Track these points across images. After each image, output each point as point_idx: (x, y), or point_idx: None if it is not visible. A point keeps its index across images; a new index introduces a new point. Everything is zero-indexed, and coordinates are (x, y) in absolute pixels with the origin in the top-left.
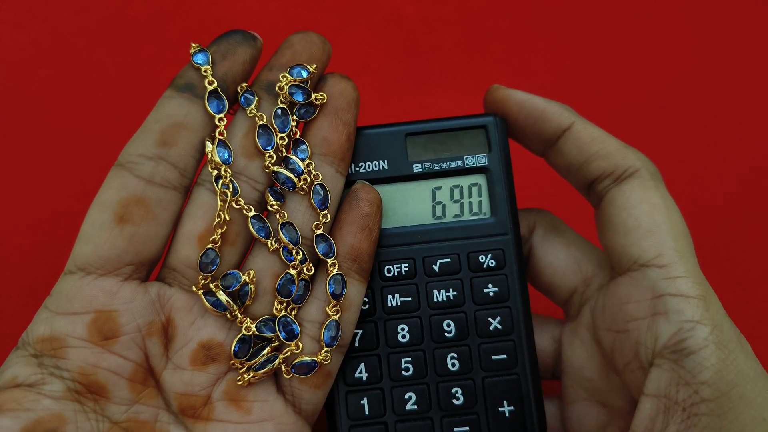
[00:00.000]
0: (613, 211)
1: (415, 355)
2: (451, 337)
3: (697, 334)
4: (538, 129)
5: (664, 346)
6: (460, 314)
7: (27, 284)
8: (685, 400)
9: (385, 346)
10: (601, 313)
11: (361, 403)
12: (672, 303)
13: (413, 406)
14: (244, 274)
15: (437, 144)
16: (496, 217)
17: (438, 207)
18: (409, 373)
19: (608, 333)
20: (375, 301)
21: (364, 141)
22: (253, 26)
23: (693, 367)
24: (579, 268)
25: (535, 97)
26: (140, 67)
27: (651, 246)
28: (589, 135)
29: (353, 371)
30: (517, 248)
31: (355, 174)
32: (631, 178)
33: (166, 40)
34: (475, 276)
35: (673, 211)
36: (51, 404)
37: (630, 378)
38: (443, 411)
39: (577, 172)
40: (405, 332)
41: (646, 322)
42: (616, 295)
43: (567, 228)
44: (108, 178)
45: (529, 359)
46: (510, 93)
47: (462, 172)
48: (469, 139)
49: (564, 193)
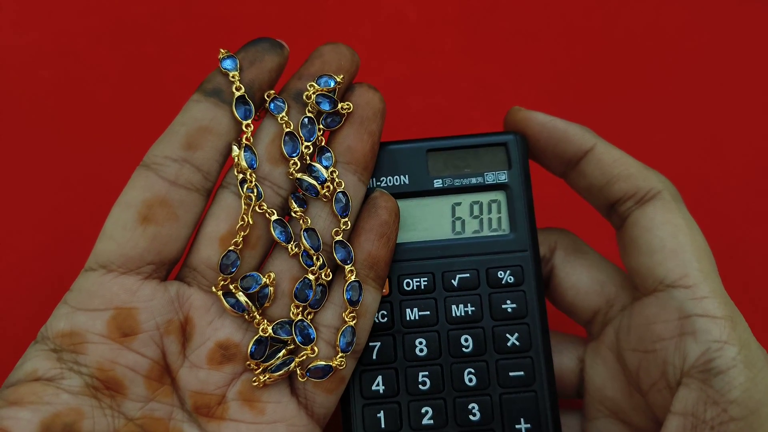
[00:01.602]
0: (637, 233)
1: (433, 370)
2: (469, 352)
3: (725, 354)
4: (560, 150)
5: (692, 365)
6: (478, 330)
7: (27, 284)
8: (714, 418)
9: (403, 360)
10: (626, 333)
11: (378, 416)
12: (699, 323)
13: (429, 420)
14: (264, 276)
15: (458, 160)
16: (515, 233)
17: (458, 222)
18: (426, 387)
19: (634, 353)
20: (393, 314)
21: (386, 156)
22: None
23: (722, 386)
24: (602, 289)
25: (556, 118)
26: (142, 68)
27: (676, 266)
28: (611, 157)
29: (370, 384)
30: (536, 265)
31: (376, 188)
32: (653, 200)
33: (167, 41)
34: (493, 292)
35: (695, 232)
36: (69, 399)
37: (655, 398)
38: (459, 427)
39: (598, 193)
40: (423, 346)
41: (674, 342)
42: (642, 315)
43: (588, 248)
44: (133, 178)
45: (547, 376)
46: (531, 115)
47: (482, 189)
48: (489, 156)
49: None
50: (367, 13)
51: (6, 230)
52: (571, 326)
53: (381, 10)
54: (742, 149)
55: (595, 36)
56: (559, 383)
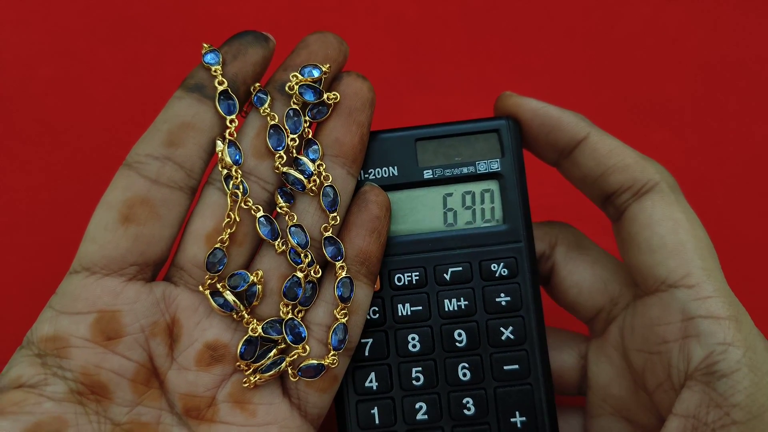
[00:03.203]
0: (635, 229)
1: (426, 365)
2: (463, 346)
3: (729, 356)
4: (552, 138)
5: (696, 368)
6: (472, 324)
7: (27, 284)
8: (715, 421)
9: (396, 356)
10: (630, 333)
11: (372, 413)
12: (703, 325)
13: (424, 416)
14: (251, 275)
15: (448, 149)
16: (509, 224)
17: (449, 214)
18: (419, 383)
19: (639, 354)
20: (385, 310)
21: (374, 147)
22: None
23: (725, 390)
24: (605, 287)
25: (550, 105)
26: (142, 66)
27: (678, 266)
28: (606, 147)
29: (363, 380)
30: (531, 256)
31: (364, 180)
32: (651, 193)
33: (168, 39)
34: (487, 285)
35: (696, 227)
36: (52, 407)
37: (662, 398)
38: (454, 421)
39: (593, 184)
40: (416, 341)
41: (678, 345)
42: (646, 316)
43: (590, 243)
44: (115, 178)
45: (542, 369)
46: (523, 100)
47: (474, 178)
48: (481, 144)
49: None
50: (367, 12)
51: (5, 230)
52: (570, 322)
53: (380, 9)
54: (743, 149)
55: (595, 36)
56: (559, 380)
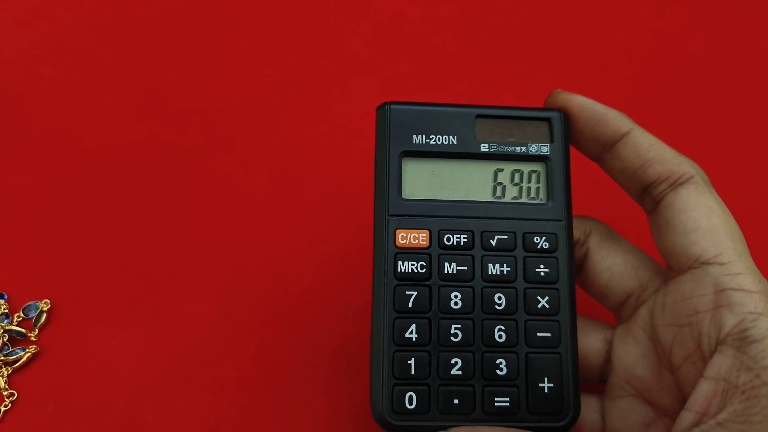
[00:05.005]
0: (671, 214)
1: (465, 323)
2: (501, 310)
3: (760, 324)
4: (598, 131)
5: (728, 334)
6: (511, 290)
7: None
8: (746, 383)
9: (437, 311)
10: (660, 311)
11: (408, 363)
12: (735, 296)
13: (458, 371)
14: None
15: (503, 129)
16: (552, 203)
17: (498, 187)
18: (457, 340)
19: (669, 328)
20: (431, 266)
21: (437, 116)
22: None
23: (756, 353)
24: (636, 273)
25: (596, 102)
26: (144, 67)
27: (711, 245)
28: (647, 141)
29: (403, 331)
30: (569, 235)
31: (426, 144)
32: (687, 184)
33: (170, 40)
34: (528, 255)
35: (728, 215)
36: None
37: (687, 372)
38: (486, 380)
39: (632, 175)
40: (458, 300)
41: (710, 315)
42: (678, 291)
43: (621, 237)
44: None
45: (571, 342)
46: (572, 96)
47: (524, 158)
48: (533, 129)
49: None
50: (368, 13)
51: (5, 229)
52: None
53: (382, 10)
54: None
55: (595, 36)
56: (583, 362)
